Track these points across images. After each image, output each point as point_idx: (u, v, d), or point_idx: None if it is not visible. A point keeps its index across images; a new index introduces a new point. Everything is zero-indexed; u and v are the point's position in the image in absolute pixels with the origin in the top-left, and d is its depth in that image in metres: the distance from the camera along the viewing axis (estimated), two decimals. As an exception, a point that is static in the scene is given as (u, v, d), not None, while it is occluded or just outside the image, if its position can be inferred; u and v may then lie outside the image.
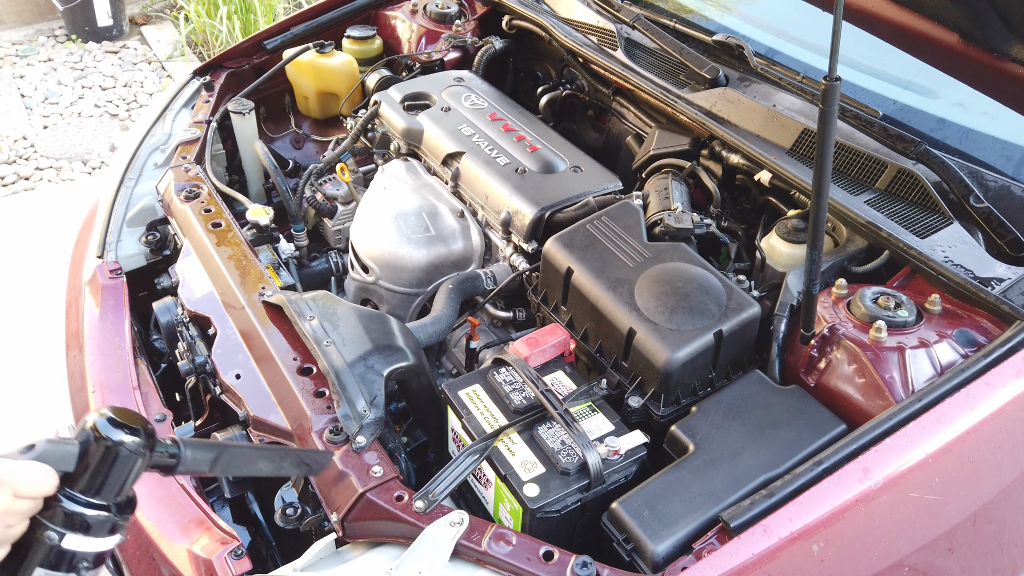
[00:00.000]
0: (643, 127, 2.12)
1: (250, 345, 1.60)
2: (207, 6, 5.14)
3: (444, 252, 1.91)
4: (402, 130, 2.11)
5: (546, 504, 1.25)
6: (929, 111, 1.88)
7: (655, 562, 1.16)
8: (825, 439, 1.29)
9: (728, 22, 2.30)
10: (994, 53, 1.71)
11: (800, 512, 1.16)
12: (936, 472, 1.24)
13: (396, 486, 1.30)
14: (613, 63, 2.06)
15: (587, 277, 1.54)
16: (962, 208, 1.59)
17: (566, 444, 1.32)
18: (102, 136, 4.67)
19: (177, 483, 1.47)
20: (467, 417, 1.38)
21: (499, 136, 2.00)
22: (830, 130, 1.16)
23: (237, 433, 1.52)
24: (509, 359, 1.46)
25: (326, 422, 1.41)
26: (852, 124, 1.73)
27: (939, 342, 1.35)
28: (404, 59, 2.49)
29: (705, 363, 1.43)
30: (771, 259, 1.66)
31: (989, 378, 1.29)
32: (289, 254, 2.00)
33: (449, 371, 1.87)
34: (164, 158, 2.15)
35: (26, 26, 5.63)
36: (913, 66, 1.86)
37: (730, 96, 1.86)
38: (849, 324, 1.39)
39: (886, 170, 1.65)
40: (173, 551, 1.38)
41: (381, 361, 1.47)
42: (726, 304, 1.46)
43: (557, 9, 2.35)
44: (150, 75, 5.20)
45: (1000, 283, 1.45)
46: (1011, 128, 1.78)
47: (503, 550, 1.18)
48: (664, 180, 1.85)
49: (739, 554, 1.13)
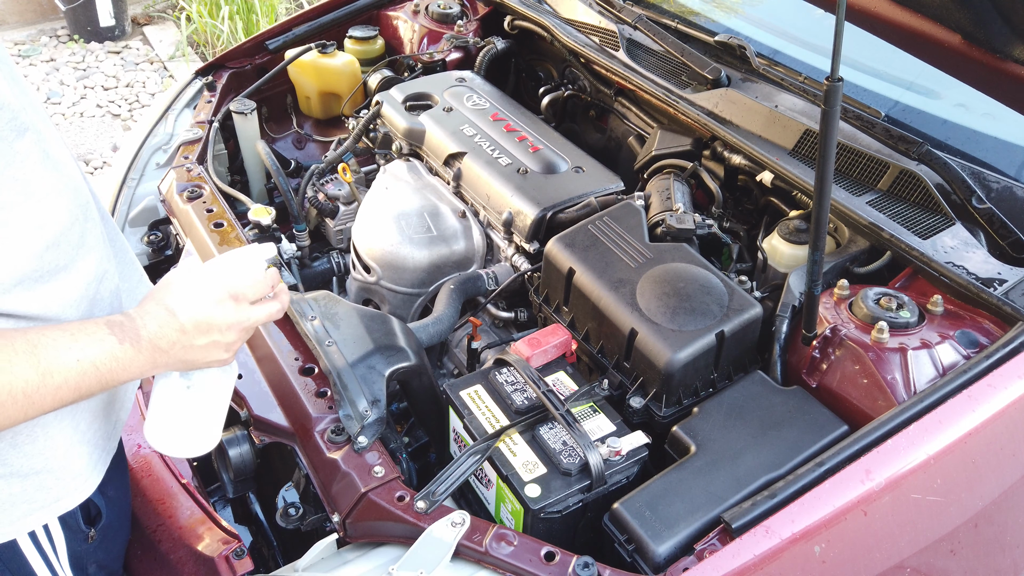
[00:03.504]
0: (645, 128, 2.12)
1: (252, 345, 1.60)
2: (209, 6, 5.14)
3: (446, 252, 1.91)
4: (404, 130, 2.11)
5: (548, 504, 1.25)
6: (931, 112, 1.88)
7: (657, 563, 1.16)
8: (827, 440, 1.29)
9: (730, 23, 2.30)
10: (996, 54, 1.71)
11: (802, 513, 1.16)
12: (938, 473, 1.24)
13: (397, 486, 1.30)
14: (615, 64, 2.06)
15: (589, 277, 1.54)
16: (964, 209, 1.59)
17: (568, 444, 1.32)
18: (104, 136, 4.67)
19: (179, 483, 1.47)
20: (468, 417, 1.38)
21: (501, 136, 2.00)
22: (832, 131, 1.16)
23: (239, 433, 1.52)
24: (511, 359, 1.46)
25: (328, 422, 1.41)
26: (854, 125, 1.73)
27: (941, 343, 1.35)
28: (406, 59, 2.49)
29: (707, 364, 1.43)
30: (773, 260, 1.66)
31: (991, 379, 1.29)
32: (291, 254, 2.00)
33: (451, 371, 1.87)
34: (166, 158, 2.15)
35: (28, 26, 5.64)
36: (915, 67, 1.86)
37: (732, 97, 1.86)
38: (851, 325, 1.39)
39: (888, 171, 1.65)
40: (175, 551, 1.38)
41: (383, 361, 1.47)
42: (728, 305, 1.45)
43: (559, 10, 2.35)
44: (152, 75, 5.21)
45: (1002, 284, 1.45)
46: (1013, 129, 1.78)
47: (504, 550, 1.18)
48: (666, 181, 1.85)
49: (741, 555, 1.12)
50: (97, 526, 1.25)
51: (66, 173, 1.08)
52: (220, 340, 1.11)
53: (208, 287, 1.11)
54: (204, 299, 1.10)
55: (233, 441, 1.49)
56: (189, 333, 1.09)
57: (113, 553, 1.35)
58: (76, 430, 1.14)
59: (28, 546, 1.15)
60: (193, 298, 1.09)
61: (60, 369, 0.99)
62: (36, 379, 0.97)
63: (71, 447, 1.14)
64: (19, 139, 0.98)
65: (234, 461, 1.49)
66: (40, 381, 0.97)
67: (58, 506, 1.15)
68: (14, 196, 0.98)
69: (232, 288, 1.12)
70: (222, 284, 1.12)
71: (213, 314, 1.10)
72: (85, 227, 1.11)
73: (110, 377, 1.04)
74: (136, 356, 1.05)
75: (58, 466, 1.13)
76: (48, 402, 0.99)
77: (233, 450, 1.48)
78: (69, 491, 1.16)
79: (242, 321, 1.13)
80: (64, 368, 0.99)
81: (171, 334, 1.07)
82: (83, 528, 1.22)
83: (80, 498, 1.18)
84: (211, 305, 1.10)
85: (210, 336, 1.10)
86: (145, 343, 1.06)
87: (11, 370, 0.95)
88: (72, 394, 1.01)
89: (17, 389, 0.96)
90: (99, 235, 1.16)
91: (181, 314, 1.08)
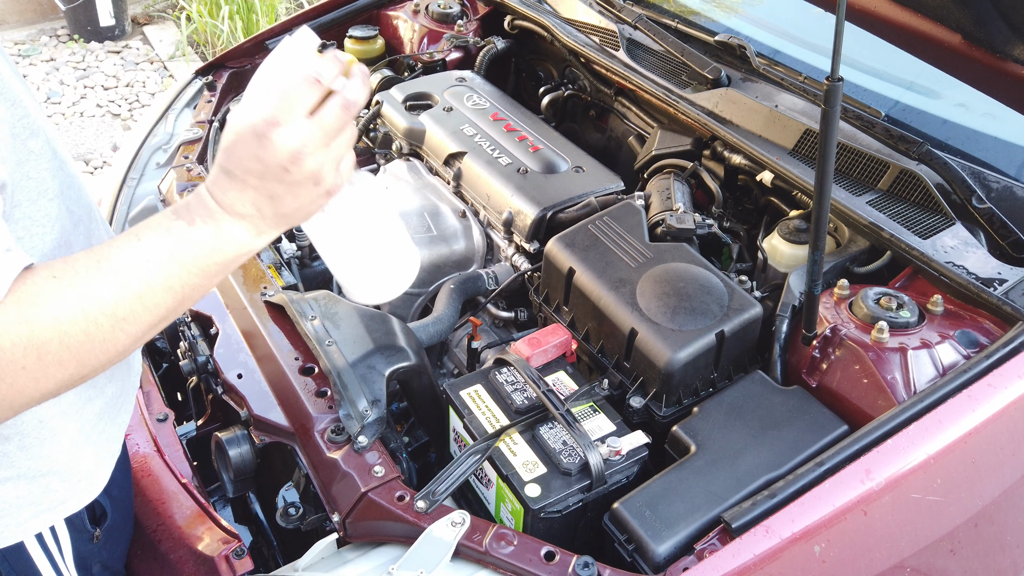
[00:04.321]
0: (645, 127, 2.12)
1: (252, 345, 1.60)
2: (209, 6, 5.14)
3: (446, 252, 1.90)
4: (404, 130, 2.11)
5: (548, 504, 1.25)
6: (931, 112, 1.88)
7: (656, 562, 1.16)
8: (827, 440, 1.29)
9: (730, 23, 2.30)
10: (996, 54, 1.71)
11: (802, 513, 1.16)
12: (938, 473, 1.24)
13: (398, 486, 1.30)
14: (615, 63, 2.06)
15: (589, 277, 1.54)
16: (964, 209, 1.59)
17: (568, 444, 1.32)
18: (104, 136, 4.67)
19: (179, 482, 1.47)
20: (468, 417, 1.38)
21: (501, 136, 2.00)
22: (832, 131, 1.16)
23: (239, 433, 1.52)
24: (511, 359, 1.46)
25: (328, 422, 1.41)
26: (854, 125, 1.73)
27: (941, 343, 1.35)
28: (406, 59, 2.49)
29: (707, 363, 1.43)
30: (773, 260, 1.66)
31: (991, 379, 1.29)
32: (291, 254, 2.00)
33: (451, 371, 1.87)
34: (166, 158, 2.15)
35: (28, 26, 5.64)
36: (915, 67, 1.86)
37: (732, 96, 1.86)
38: (851, 325, 1.39)
39: (888, 171, 1.65)
40: (175, 551, 1.38)
41: (383, 361, 1.47)
42: (728, 304, 1.45)
43: (559, 9, 2.35)
44: (152, 75, 5.20)
45: (1002, 284, 1.45)
46: (1013, 129, 1.78)
47: (504, 550, 1.18)
48: (666, 180, 1.85)
49: (741, 555, 1.12)
50: (102, 526, 1.25)
51: (71, 173, 1.08)
52: (303, 171, 0.92)
53: (251, 124, 0.91)
54: (250, 142, 0.91)
55: (233, 441, 1.49)
56: (260, 186, 0.93)
57: (117, 553, 1.35)
58: (82, 432, 1.14)
59: (34, 547, 1.15)
60: (240, 145, 0.92)
61: (134, 276, 0.89)
62: (112, 294, 0.88)
63: (77, 449, 1.14)
64: (33, 138, 0.98)
65: (234, 461, 1.49)
66: (116, 295, 0.88)
67: (65, 508, 1.15)
68: (28, 194, 0.97)
69: (278, 109, 0.91)
70: (265, 111, 0.91)
71: (268, 152, 0.91)
72: (90, 227, 1.11)
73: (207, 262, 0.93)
74: (221, 230, 0.93)
75: (65, 468, 1.13)
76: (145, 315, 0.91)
77: (233, 450, 1.48)
78: (75, 493, 1.16)
79: (313, 136, 0.92)
80: (138, 273, 0.89)
81: (243, 195, 0.93)
82: (89, 528, 1.23)
83: (86, 500, 1.18)
84: (261, 144, 0.91)
85: (289, 175, 0.92)
86: (221, 215, 0.93)
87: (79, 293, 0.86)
88: (168, 296, 0.91)
89: (94, 312, 0.86)
90: (103, 235, 1.16)
91: (237, 171, 0.92)
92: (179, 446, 1.54)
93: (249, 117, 0.91)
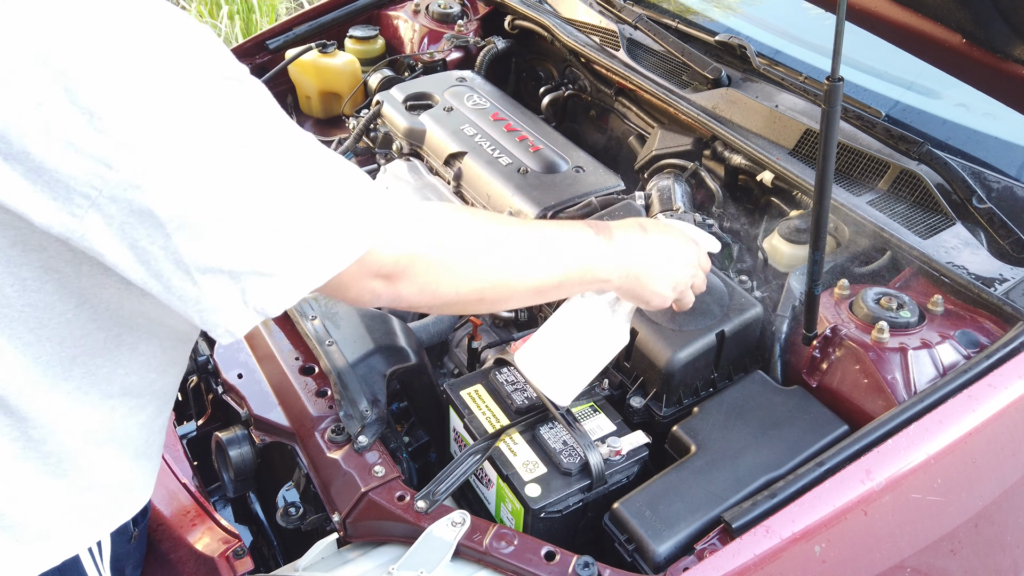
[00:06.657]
0: (645, 127, 2.12)
1: (252, 344, 1.60)
2: (209, 6, 5.14)
3: (446, 252, 1.90)
4: (404, 130, 2.11)
5: (548, 504, 1.25)
6: (932, 112, 1.89)
7: (657, 562, 1.16)
8: (827, 440, 1.29)
9: (730, 22, 2.30)
10: (997, 54, 1.71)
11: (802, 513, 1.16)
12: (938, 473, 1.24)
13: (398, 486, 1.30)
14: (615, 63, 2.06)
15: (589, 277, 1.53)
16: (965, 209, 1.59)
17: (568, 444, 1.32)
18: (104, 136, 4.66)
19: (179, 482, 1.47)
20: (469, 417, 1.38)
21: (501, 136, 2.00)
22: (832, 131, 1.16)
23: (239, 433, 1.52)
24: (511, 359, 1.46)
25: (328, 422, 1.41)
26: (854, 125, 1.73)
27: (941, 343, 1.35)
28: (406, 59, 2.49)
29: (707, 363, 1.43)
30: (773, 260, 1.66)
31: (992, 379, 1.29)
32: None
33: (451, 371, 1.87)
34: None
35: (29, 26, 5.63)
36: (916, 67, 1.86)
37: (732, 96, 1.86)
38: (851, 325, 1.39)
39: (888, 171, 1.65)
40: (175, 551, 1.38)
41: (383, 361, 1.47)
42: (728, 304, 1.45)
43: (559, 9, 2.35)
44: (152, 75, 5.20)
45: (1003, 284, 1.45)
46: (1014, 129, 1.78)
47: (505, 550, 1.18)
48: (666, 180, 1.85)
49: (741, 554, 1.12)
50: (139, 525, 1.26)
51: None
52: (674, 271, 1.22)
53: (675, 230, 1.27)
54: (672, 232, 1.25)
55: (233, 441, 1.49)
56: (651, 251, 1.20)
57: (143, 551, 1.36)
58: (146, 441, 1.16)
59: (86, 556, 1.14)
60: (662, 227, 1.25)
61: (561, 260, 1.09)
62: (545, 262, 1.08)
63: (139, 457, 1.16)
64: None
65: (234, 461, 1.49)
66: (546, 270, 1.08)
67: (122, 514, 1.17)
68: None
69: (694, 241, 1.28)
70: (687, 233, 1.28)
71: (678, 243, 1.24)
72: None
73: (586, 271, 1.13)
74: (606, 250, 1.14)
75: (130, 477, 1.15)
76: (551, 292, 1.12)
77: (233, 450, 1.49)
78: (132, 500, 1.18)
79: (698, 262, 1.27)
80: (565, 256, 1.10)
81: (639, 242, 1.18)
82: (129, 529, 1.23)
83: (139, 506, 1.20)
84: (677, 237, 1.25)
85: (670, 263, 1.22)
86: (617, 239, 1.15)
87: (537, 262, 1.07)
88: (556, 286, 1.11)
89: (532, 281, 1.07)
90: None
91: (651, 231, 1.21)
92: (179, 446, 1.54)
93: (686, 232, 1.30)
